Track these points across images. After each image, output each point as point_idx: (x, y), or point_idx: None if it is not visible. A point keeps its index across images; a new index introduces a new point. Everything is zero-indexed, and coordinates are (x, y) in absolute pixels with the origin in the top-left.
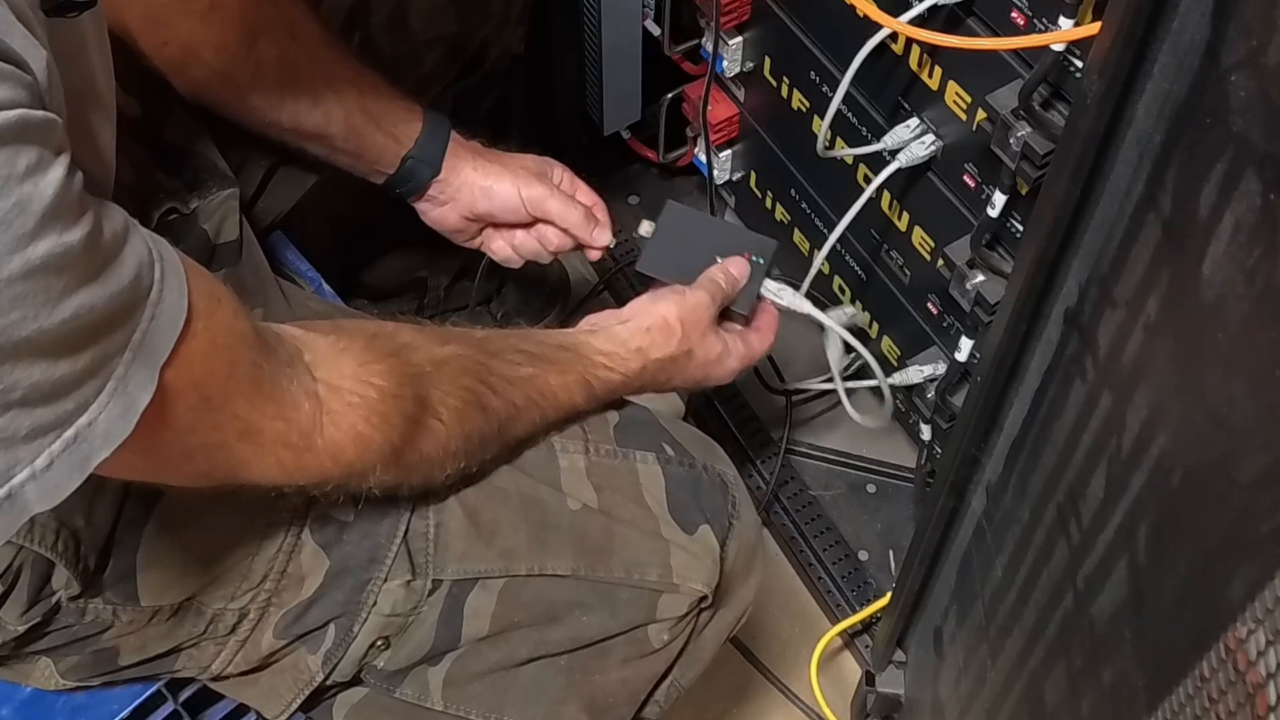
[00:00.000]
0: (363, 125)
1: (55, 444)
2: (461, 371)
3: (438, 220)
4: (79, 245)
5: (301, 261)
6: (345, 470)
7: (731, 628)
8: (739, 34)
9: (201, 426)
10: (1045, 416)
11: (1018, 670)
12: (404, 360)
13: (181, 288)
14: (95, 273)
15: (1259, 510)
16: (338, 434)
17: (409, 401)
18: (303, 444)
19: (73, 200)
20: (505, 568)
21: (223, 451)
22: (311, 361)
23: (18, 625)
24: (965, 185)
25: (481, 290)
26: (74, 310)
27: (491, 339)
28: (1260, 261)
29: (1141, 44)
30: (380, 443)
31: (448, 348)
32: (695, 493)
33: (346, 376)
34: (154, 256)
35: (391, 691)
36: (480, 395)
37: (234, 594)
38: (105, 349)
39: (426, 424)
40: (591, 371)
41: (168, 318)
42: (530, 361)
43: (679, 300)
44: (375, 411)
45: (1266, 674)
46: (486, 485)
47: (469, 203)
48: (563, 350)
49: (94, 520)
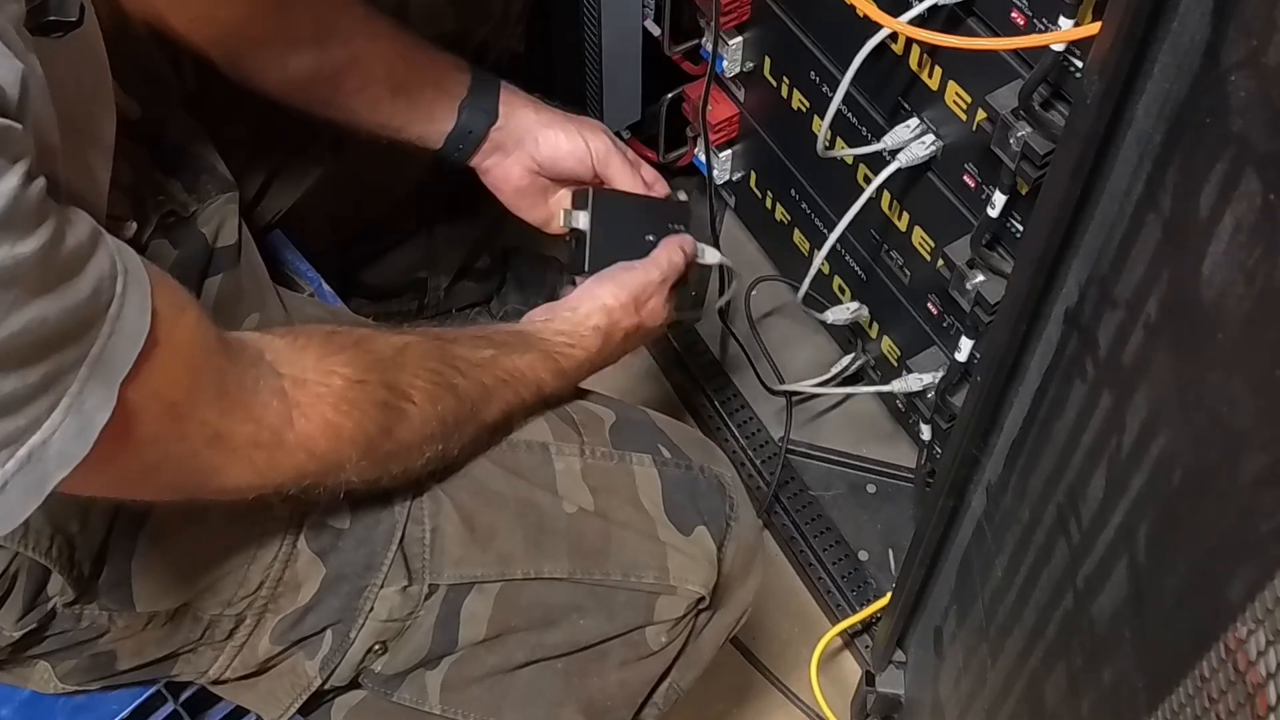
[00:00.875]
0: (408, 80)
1: (9, 463)
2: (424, 355)
3: (501, 179)
4: (32, 257)
5: (301, 261)
6: (321, 463)
7: (730, 629)
8: (739, 34)
9: (166, 437)
10: (1045, 416)
11: (1018, 670)
12: (364, 349)
13: (145, 302)
14: (50, 285)
15: (1259, 510)
16: (308, 426)
17: (377, 386)
18: (274, 441)
19: (29, 209)
20: (502, 572)
21: (191, 461)
22: (274, 360)
23: (13, 631)
24: (965, 185)
25: (482, 290)
26: (24, 324)
27: (447, 330)
28: (1260, 261)
29: (1141, 44)
30: (352, 429)
31: (406, 337)
32: (692, 494)
33: (310, 369)
34: (117, 270)
35: (389, 695)
36: (447, 376)
37: (230, 600)
38: (58, 364)
39: (399, 407)
40: (554, 350)
41: (128, 334)
42: (490, 345)
43: (630, 278)
44: (343, 399)
45: (1266, 674)
46: (482, 489)
47: (531, 150)
48: (520, 334)
49: (88, 526)
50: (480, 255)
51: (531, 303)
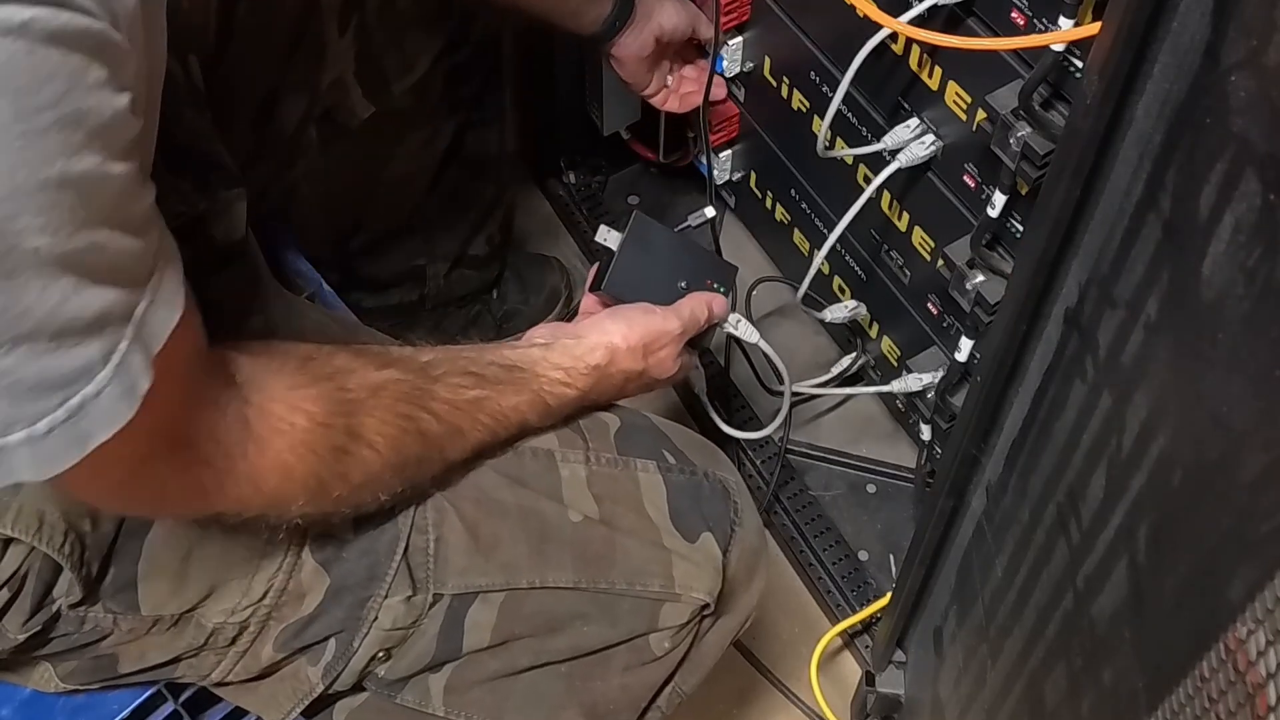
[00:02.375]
0: None
1: (59, 410)
2: (399, 398)
3: (636, 51)
4: (115, 181)
5: (301, 261)
6: (265, 499)
7: (734, 633)
8: (739, 34)
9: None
10: (1045, 416)
11: (1018, 670)
12: (338, 385)
13: (179, 284)
14: (116, 220)
15: (1259, 510)
16: (261, 460)
17: (339, 432)
18: (226, 466)
19: (129, 139)
20: (506, 581)
21: (142, 466)
22: (244, 383)
23: (19, 634)
24: (965, 185)
25: (481, 277)
26: (90, 242)
27: (437, 362)
28: (1260, 261)
29: (1141, 44)
30: (304, 473)
31: (386, 372)
32: (696, 500)
33: (277, 400)
34: (163, 244)
35: (393, 697)
36: (419, 421)
37: (234, 608)
38: (110, 307)
39: (357, 454)
40: (546, 389)
41: (165, 306)
42: (479, 384)
43: (645, 322)
44: (301, 442)
45: (1266, 674)
46: (486, 499)
47: (659, 20)
48: (516, 370)
49: (99, 527)
50: (475, 239)
51: (531, 302)
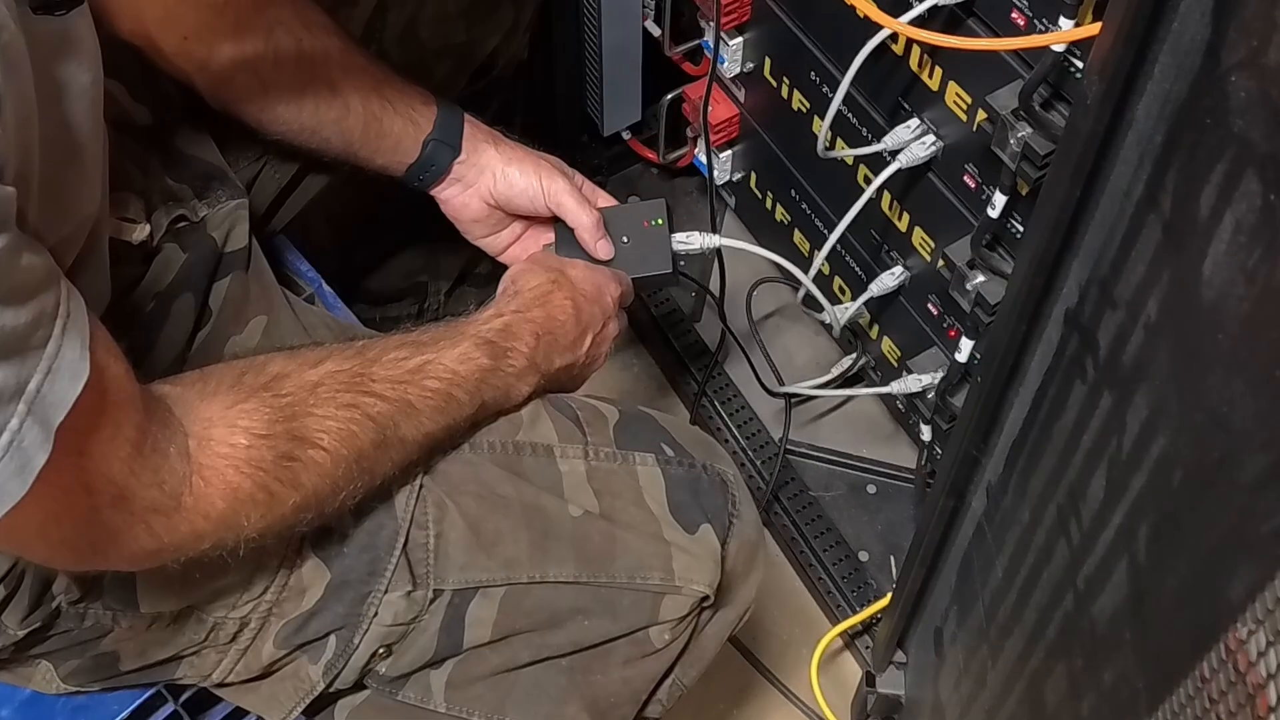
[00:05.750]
0: (381, 112)
1: None
2: (338, 389)
3: (460, 209)
4: None
5: (301, 262)
6: (217, 524)
7: (733, 626)
8: (739, 34)
9: (75, 488)
10: (1045, 417)
11: (1018, 671)
12: (274, 393)
13: (83, 348)
14: None
15: (1259, 510)
16: (207, 489)
17: (281, 439)
18: (173, 506)
19: None
20: (507, 576)
21: (91, 518)
22: (181, 415)
23: (18, 630)
24: (965, 186)
25: (481, 296)
26: None
27: (372, 344)
28: (1260, 261)
29: (1141, 44)
30: (252, 489)
31: (322, 368)
32: (695, 492)
33: (216, 424)
34: (60, 312)
35: (394, 694)
36: (362, 407)
37: (234, 604)
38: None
39: (306, 458)
40: (481, 328)
41: (66, 375)
42: (417, 350)
43: (580, 263)
44: (245, 460)
45: (1267, 675)
46: (487, 494)
47: (489, 186)
48: (450, 324)
49: None
50: (480, 261)
51: None
